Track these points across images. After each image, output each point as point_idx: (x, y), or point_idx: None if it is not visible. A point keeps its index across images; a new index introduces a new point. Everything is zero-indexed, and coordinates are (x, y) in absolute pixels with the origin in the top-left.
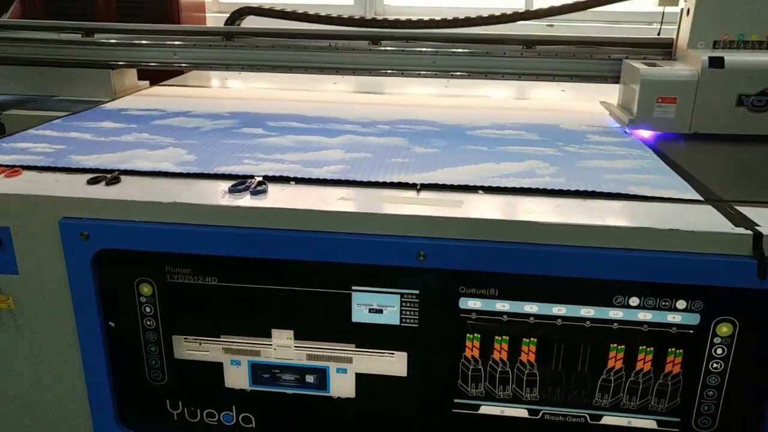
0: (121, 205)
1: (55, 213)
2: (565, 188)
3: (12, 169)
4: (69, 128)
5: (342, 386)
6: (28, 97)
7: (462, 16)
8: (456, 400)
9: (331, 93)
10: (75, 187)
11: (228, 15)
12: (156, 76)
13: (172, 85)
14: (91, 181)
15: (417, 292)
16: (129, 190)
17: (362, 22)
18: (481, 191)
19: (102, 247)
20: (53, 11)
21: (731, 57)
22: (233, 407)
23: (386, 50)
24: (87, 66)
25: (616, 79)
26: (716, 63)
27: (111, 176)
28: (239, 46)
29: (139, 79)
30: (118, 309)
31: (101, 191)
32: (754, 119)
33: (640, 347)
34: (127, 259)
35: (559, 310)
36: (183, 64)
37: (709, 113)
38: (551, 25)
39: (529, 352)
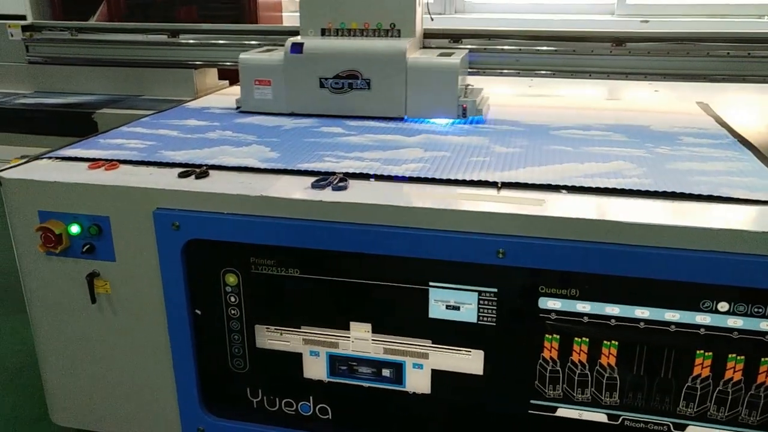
0: (210, 197)
1: (150, 204)
2: (652, 189)
3: (110, 163)
4: (157, 126)
5: (418, 381)
6: (117, 96)
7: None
8: (533, 401)
9: None
10: (168, 179)
11: None
12: (235, 75)
13: None
14: (182, 175)
15: (495, 290)
16: (217, 183)
17: None
18: (564, 191)
19: (191, 237)
20: (136, 13)
21: (311, 43)
22: (311, 398)
23: (468, 49)
24: (171, 66)
25: (715, 78)
26: (296, 48)
27: (200, 170)
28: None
29: (219, 78)
30: (204, 297)
31: (192, 184)
32: (337, 100)
33: (730, 355)
34: (215, 250)
35: (642, 313)
36: None
37: (298, 95)
38: (646, 21)
39: (609, 355)
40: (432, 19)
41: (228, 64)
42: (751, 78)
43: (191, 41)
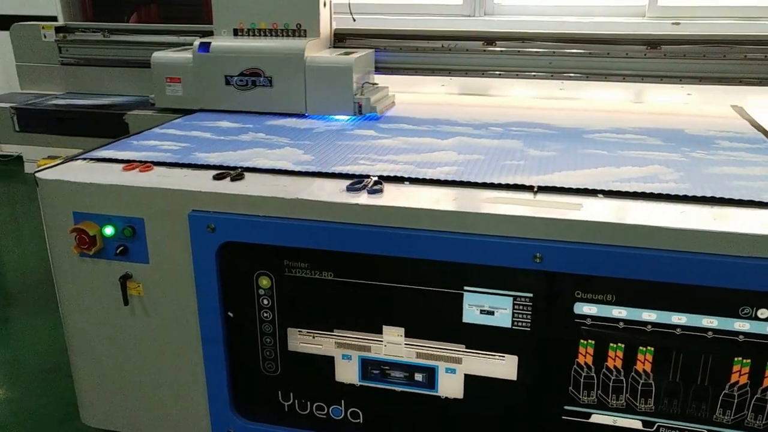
0: (246, 199)
1: (186, 206)
2: (690, 194)
3: (144, 165)
4: (190, 127)
5: (450, 386)
6: (148, 98)
7: None
8: (566, 407)
9: (439, 95)
10: (203, 182)
11: None
12: None
13: None
14: (217, 177)
15: (530, 295)
16: (253, 186)
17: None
18: (600, 195)
19: (226, 240)
20: (168, 16)
21: (218, 42)
22: (342, 401)
23: (500, 51)
24: None
25: (752, 81)
26: (204, 48)
27: (235, 173)
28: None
29: None
30: (237, 300)
31: (227, 186)
32: (242, 96)
33: None
34: (249, 252)
35: (678, 319)
36: None
37: (206, 91)
38: (677, 23)
39: (645, 361)
40: (354, 20)
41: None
42: None
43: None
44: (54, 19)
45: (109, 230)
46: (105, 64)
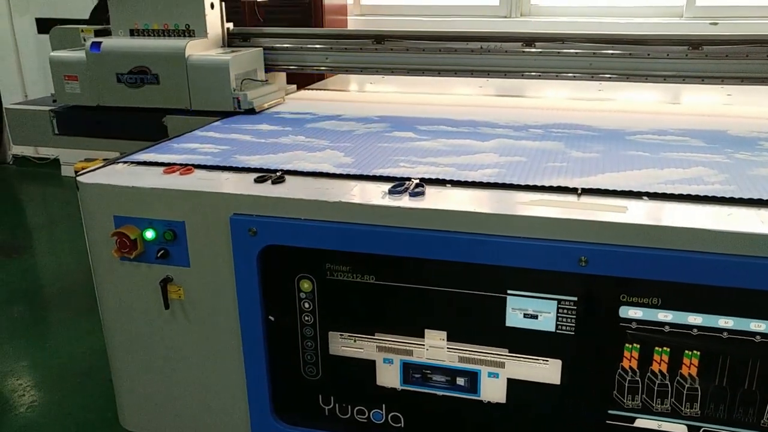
0: (288, 203)
1: (227, 209)
2: (737, 196)
3: (185, 168)
4: (230, 130)
5: (493, 391)
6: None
7: None
8: (611, 412)
9: (477, 96)
10: (244, 185)
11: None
12: (301, 79)
13: (318, 89)
14: (258, 180)
15: (575, 298)
16: (294, 189)
17: None
18: (645, 197)
19: (268, 243)
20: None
21: (109, 42)
22: (383, 405)
23: (540, 52)
24: None
25: None
26: (95, 47)
27: (276, 176)
28: (390, 50)
29: (288, 83)
30: (278, 304)
31: (269, 189)
32: (133, 93)
33: None
34: (290, 256)
35: (725, 322)
36: (333, 68)
37: (100, 88)
38: (716, 23)
39: (690, 365)
40: (261, 20)
41: (293, 67)
42: None
43: (266, 45)
44: (87, 21)
45: (150, 234)
46: None
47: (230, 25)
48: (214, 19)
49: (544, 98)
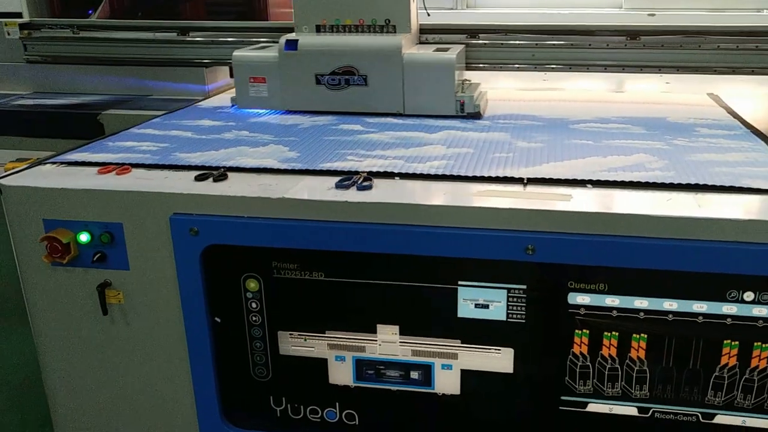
0: (230, 201)
1: (166, 209)
2: (675, 182)
3: (122, 167)
4: (169, 126)
5: (447, 382)
6: (124, 96)
7: None
8: (563, 398)
9: None
10: (184, 183)
11: None
12: None
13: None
14: (199, 178)
15: (524, 287)
16: (237, 186)
17: None
18: (589, 185)
19: (211, 243)
20: (141, 10)
21: (305, 39)
22: (337, 404)
23: (484, 44)
24: (183, 65)
25: (724, 71)
26: (291, 45)
27: (218, 173)
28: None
29: (231, 76)
30: (224, 304)
31: (210, 187)
32: (333, 96)
33: (756, 343)
34: (235, 255)
35: (670, 305)
36: None
37: (293, 92)
38: (653, 14)
39: (639, 348)
40: (428, 15)
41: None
42: (760, 70)
43: (200, 39)
44: (19, 15)
45: (84, 237)
46: (75, 61)
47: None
48: (414, 12)
49: (490, 89)
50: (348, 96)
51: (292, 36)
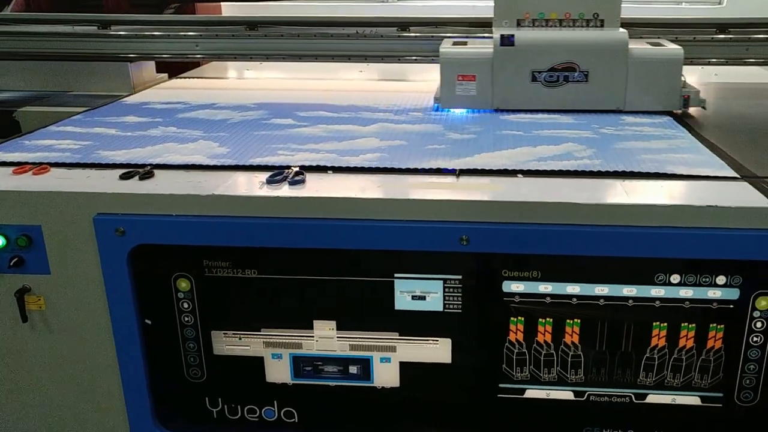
0: (157, 199)
1: (89, 209)
2: (603, 169)
3: (39, 167)
4: (91, 124)
5: (386, 375)
6: (41, 93)
7: None
8: (501, 385)
9: (357, 81)
10: (108, 182)
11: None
12: (173, 68)
13: (191, 77)
14: (124, 176)
15: (460, 277)
16: (164, 184)
17: None
18: (520, 175)
19: (138, 243)
20: (59, 3)
21: (521, 34)
22: (275, 402)
23: (416, 36)
24: (105, 60)
25: None
26: (507, 41)
27: (144, 171)
28: (263, 36)
29: (157, 71)
30: (154, 306)
31: (136, 186)
32: (550, 94)
33: (683, 324)
34: (164, 254)
35: (601, 290)
36: (205, 55)
37: (507, 89)
38: None
39: (573, 333)
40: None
41: (165, 56)
42: None
43: (131, 33)
44: None
45: None
46: None
47: None
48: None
49: (425, 81)
50: (565, 93)
51: (507, 31)
